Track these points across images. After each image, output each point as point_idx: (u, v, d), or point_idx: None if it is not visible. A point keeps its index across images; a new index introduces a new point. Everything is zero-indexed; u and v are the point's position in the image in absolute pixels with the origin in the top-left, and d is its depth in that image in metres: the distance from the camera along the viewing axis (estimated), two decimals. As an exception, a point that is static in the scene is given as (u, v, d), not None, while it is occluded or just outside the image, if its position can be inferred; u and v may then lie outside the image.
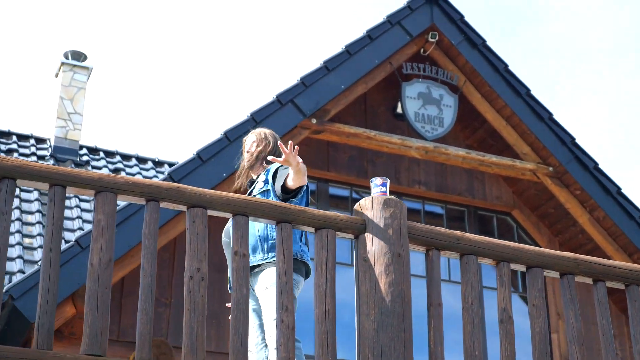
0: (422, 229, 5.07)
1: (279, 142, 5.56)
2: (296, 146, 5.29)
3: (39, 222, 11.39)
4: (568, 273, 5.29)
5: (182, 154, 31.80)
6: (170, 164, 14.11)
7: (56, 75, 14.21)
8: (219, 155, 9.67)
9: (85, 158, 13.64)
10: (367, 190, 11.02)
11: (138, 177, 9.34)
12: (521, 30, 28.47)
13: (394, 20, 10.82)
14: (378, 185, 5.08)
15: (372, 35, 10.69)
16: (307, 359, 5.91)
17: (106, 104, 30.48)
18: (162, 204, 4.70)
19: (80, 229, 11.23)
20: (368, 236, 4.91)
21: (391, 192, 11.26)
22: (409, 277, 4.89)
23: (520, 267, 5.25)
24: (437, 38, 10.97)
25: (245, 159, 5.91)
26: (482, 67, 11.01)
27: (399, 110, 11.04)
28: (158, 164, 14.09)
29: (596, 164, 10.96)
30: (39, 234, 11.13)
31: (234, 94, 33.62)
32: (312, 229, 4.92)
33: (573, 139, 11.01)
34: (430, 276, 5.03)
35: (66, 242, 10.64)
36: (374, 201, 4.97)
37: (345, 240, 10.06)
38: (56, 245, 4.42)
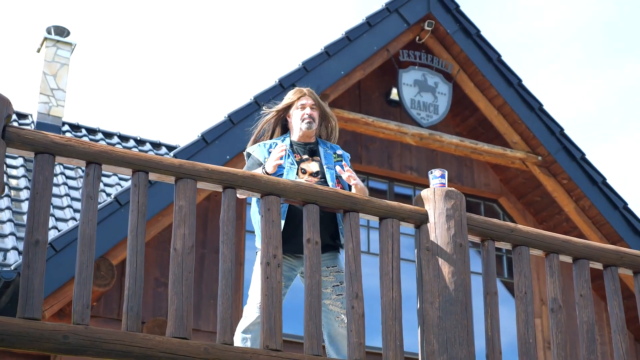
0: (479, 220, 5.24)
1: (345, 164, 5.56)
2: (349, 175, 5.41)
3: (27, 199, 11.36)
4: (611, 265, 5.50)
5: (164, 133, 31.66)
6: (152, 143, 14.12)
7: (38, 51, 14.11)
8: (223, 138, 9.76)
9: (67, 135, 13.59)
10: (360, 175, 11.18)
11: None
12: (484, 20, 28.78)
13: (392, 8, 10.99)
14: (437, 177, 5.23)
15: (371, 22, 10.84)
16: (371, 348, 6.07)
17: (89, 80, 30.20)
18: (239, 192, 4.79)
19: (70, 206, 11.21)
20: (431, 226, 5.06)
21: (383, 177, 11.37)
22: (469, 267, 5.06)
23: (567, 259, 5.45)
24: (433, 26, 11.16)
25: (303, 118, 5.61)
26: (475, 57, 11.23)
27: (394, 96, 11.21)
28: (140, 142, 14.09)
29: (583, 154, 11.26)
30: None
31: (217, 74, 33.53)
32: (376, 218, 5.06)
33: (562, 129, 11.29)
34: (486, 266, 5.21)
35: (55, 219, 10.64)
36: (436, 193, 5.13)
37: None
38: (141, 231, 4.50)
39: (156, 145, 14.04)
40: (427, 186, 11.22)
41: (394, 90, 11.21)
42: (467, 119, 11.65)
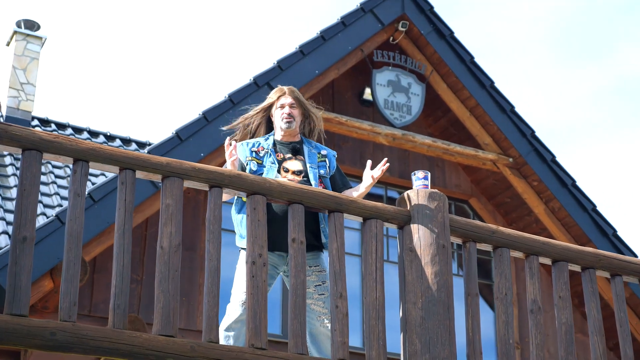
0: (461, 221, 5.28)
1: (368, 163, 5.58)
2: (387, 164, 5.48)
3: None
4: (589, 267, 5.57)
5: (134, 129, 31.50)
6: (122, 139, 14.06)
7: (8, 44, 14.00)
8: (197, 135, 9.76)
9: (37, 130, 13.48)
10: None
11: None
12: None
13: (366, 8, 11.03)
14: (420, 179, 5.27)
15: (345, 22, 10.88)
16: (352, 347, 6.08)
17: (59, 75, 29.95)
18: (225, 191, 4.81)
19: (59, 205, 11.12)
20: (414, 227, 5.10)
21: (355, 177, 11.47)
22: (451, 268, 5.11)
23: (546, 261, 5.51)
24: (407, 27, 11.21)
25: (282, 117, 5.63)
26: (449, 58, 11.30)
27: (367, 96, 11.25)
28: (110, 138, 14.03)
29: (554, 156, 11.37)
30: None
31: (188, 70, 33.39)
32: (360, 219, 5.10)
33: (533, 131, 11.39)
34: (468, 267, 5.26)
35: (43, 216, 10.59)
36: (420, 194, 5.17)
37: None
38: (128, 228, 4.50)
39: (126, 141, 13.99)
40: (399, 186, 11.41)
41: (368, 90, 11.25)
42: (440, 119, 11.72)
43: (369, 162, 5.59)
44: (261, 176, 5.35)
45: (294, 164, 5.56)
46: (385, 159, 5.59)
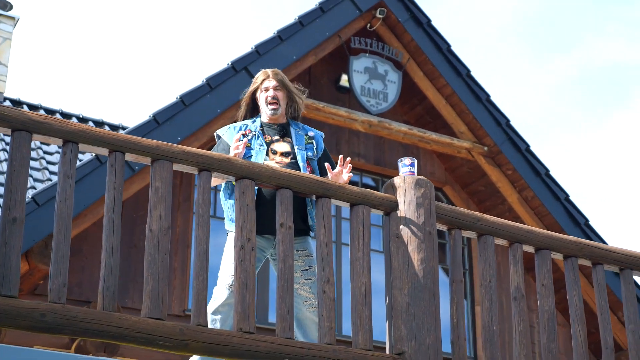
0: (447, 208, 5.31)
1: (327, 167, 5.52)
2: (348, 161, 5.43)
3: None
4: (572, 256, 5.63)
5: (106, 111, 31.28)
6: (95, 121, 13.97)
7: (-20, 24, 13.86)
8: (174, 119, 9.72)
9: (26, 110, 13.34)
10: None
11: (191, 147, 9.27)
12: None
13: (345, -6, 11.02)
14: (407, 165, 5.29)
15: (324, 8, 10.88)
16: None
17: (31, 55, 29.65)
18: (214, 174, 4.80)
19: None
20: (400, 214, 5.13)
21: (330, 162, 11.48)
22: (437, 255, 5.14)
23: (530, 249, 5.56)
24: (384, 14, 11.23)
25: (267, 102, 5.65)
26: (425, 46, 11.32)
27: (344, 83, 11.26)
28: (83, 120, 13.93)
29: (528, 146, 11.44)
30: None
31: (166, 54, 33.17)
32: (347, 205, 5.11)
33: (508, 120, 11.45)
34: (453, 254, 5.29)
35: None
36: (406, 181, 5.19)
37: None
38: (118, 210, 4.49)
39: (99, 124, 13.89)
40: (374, 173, 11.43)
41: (344, 77, 11.26)
42: (415, 107, 11.75)
43: (327, 166, 5.52)
44: (250, 159, 5.35)
45: (282, 146, 5.56)
46: (340, 157, 5.52)
